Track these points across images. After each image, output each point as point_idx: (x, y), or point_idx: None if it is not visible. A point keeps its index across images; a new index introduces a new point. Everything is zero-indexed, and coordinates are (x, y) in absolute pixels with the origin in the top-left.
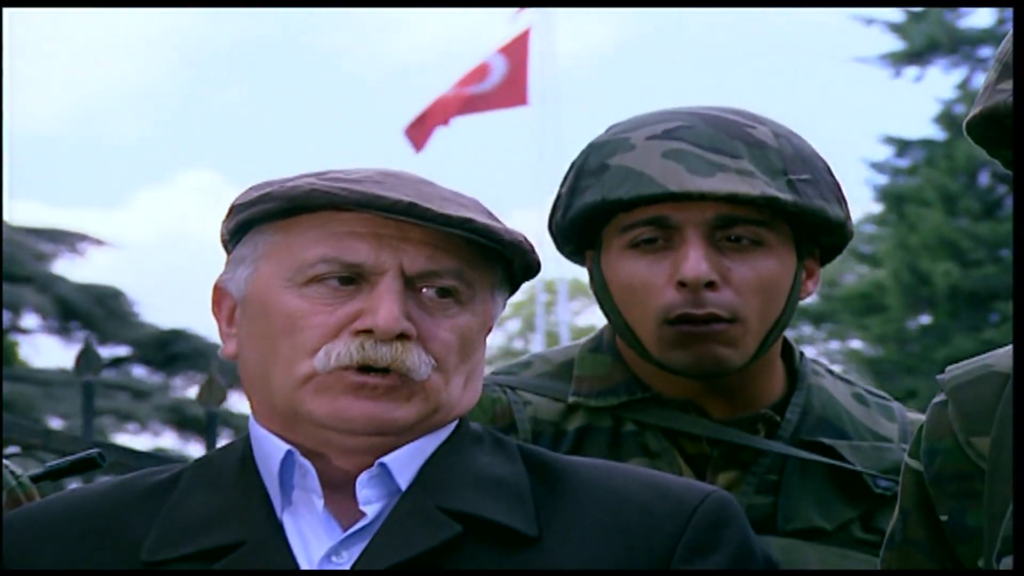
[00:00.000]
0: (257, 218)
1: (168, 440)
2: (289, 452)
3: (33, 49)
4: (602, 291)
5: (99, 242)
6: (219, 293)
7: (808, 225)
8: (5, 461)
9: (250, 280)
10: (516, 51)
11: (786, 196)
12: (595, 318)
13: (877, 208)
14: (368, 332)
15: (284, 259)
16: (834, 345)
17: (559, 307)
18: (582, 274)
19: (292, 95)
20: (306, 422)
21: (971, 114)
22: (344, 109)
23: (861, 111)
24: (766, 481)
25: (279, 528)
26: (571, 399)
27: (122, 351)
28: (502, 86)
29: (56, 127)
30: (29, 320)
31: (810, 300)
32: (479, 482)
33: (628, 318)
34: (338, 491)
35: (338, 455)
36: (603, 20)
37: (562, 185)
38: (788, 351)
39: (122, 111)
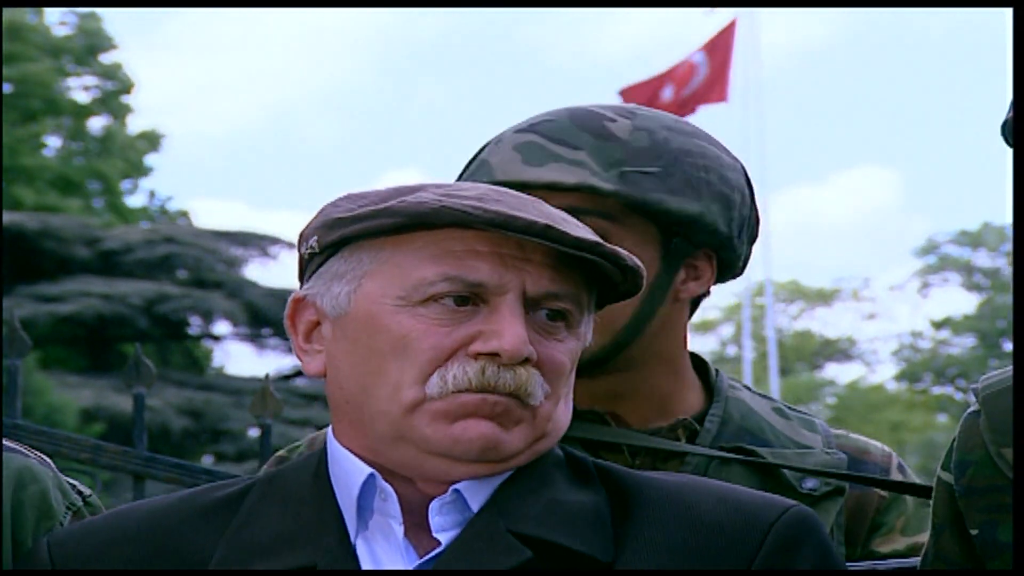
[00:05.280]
0: (365, 233)
1: None
2: (371, 475)
3: (230, 49)
4: None
5: (292, 245)
6: (299, 306)
7: (666, 221)
8: (72, 481)
9: (352, 297)
10: (719, 47)
11: (606, 186)
12: (812, 322)
13: None
14: (492, 356)
15: (395, 277)
16: None
17: (768, 310)
18: (798, 275)
19: (494, 91)
20: (411, 446)
21: (1008, 115)
22: (546, 105)
23: None
24: None
25: (352, 553)
26: None
27: None
28: (704, 83)
29: (253, 128)
30: (221, 327)
31: None
32: (555, 506)
33: None
34: (418, 517)
35: (423, 481)
36: (813, 16)
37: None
38: (703, 367)
39: (321, 111)
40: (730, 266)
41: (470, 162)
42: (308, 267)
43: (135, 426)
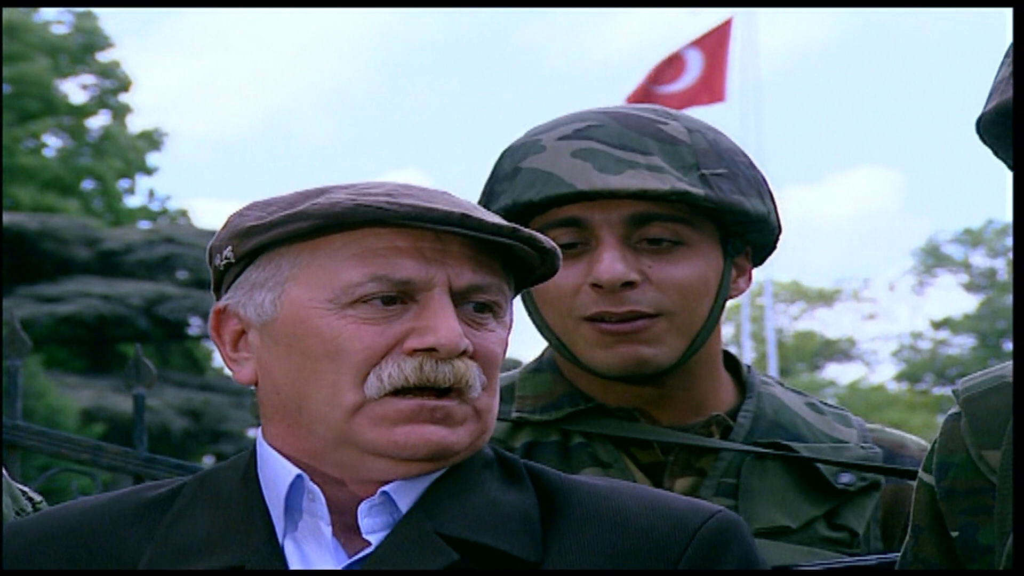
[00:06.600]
0: (281, 239)
1: None
2: (299, 476)
3: (230, 49)
4: (527, 299)
5: None
6: (222, 317)
7: (732, 221)
8: (23, 487)
9: (278, 303)
10: (714, 46)
11: (698, 190)
12: (813, 323)
13: None
14: (429, 351)
15: (320, 280)
16: None
17: (767, 311)
18: (799, 276)
19: (493, 92)
20: (354, 448)
21: (984, 109)
22: (544, 105)
23: None
24: (724, 484)
25: (280, 553)
26: (514, 415)
27: None
28: (699, 82)
29: (253, 128)
30: None
31: None
32: (483, 507)
33: (551, 324)
34: (348, 519)
35: (353, 483)
36: (812, 16)
37: (482, 194)
38: (734, 364)
39: (321, 112)
40: (763, 260)
41: (496, 173)
42: (224, 278)
43: (135, 427)
